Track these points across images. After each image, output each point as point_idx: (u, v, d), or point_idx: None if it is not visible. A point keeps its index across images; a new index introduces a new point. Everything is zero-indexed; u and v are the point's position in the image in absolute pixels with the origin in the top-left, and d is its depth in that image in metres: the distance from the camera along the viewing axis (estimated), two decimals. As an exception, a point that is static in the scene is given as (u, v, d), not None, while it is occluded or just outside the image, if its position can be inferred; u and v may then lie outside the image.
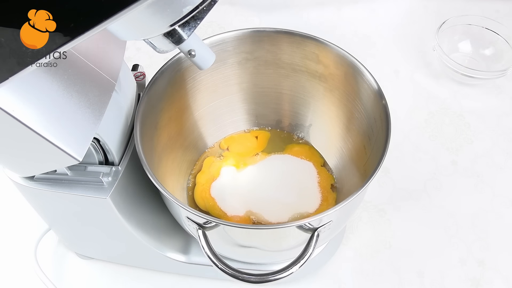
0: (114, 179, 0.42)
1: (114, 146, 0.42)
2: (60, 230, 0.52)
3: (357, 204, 0.45)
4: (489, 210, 0.58)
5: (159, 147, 0.47)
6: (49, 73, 0.34)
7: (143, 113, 0.44)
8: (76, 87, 0.36)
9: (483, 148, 0.64)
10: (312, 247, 0.38)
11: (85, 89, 0.37)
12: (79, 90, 0.37)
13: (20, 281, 0.54)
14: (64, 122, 0.35)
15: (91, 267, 0.55)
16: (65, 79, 0.36)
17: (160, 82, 0.46)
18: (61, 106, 0.35)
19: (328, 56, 0.48)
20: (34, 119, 0.33)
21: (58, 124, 0.35)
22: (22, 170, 0.41)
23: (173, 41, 0.31)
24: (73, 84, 0.36)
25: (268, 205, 0.52)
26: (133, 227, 0.46)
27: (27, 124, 0.32)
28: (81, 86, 0.37)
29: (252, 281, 0.37)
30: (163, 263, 0.51)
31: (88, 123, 0.37)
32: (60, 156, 0.35)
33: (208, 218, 0.36)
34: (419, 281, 0.53)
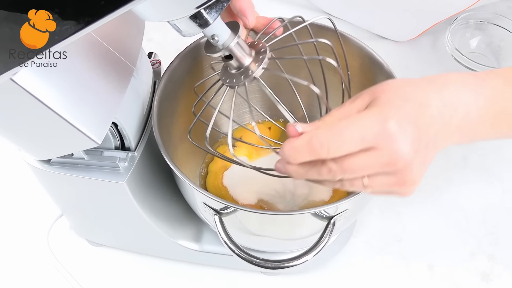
0: (130, 165, 0.42)
1: (131, 131, 0.42)
2: (73, 215, 0.52)
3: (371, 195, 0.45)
4: (499, 205, 0.58)
5: (175, 135, 0.47)
6: (71, 55, 0.35)
7: (160, 100, 0.44)
8: (97, 70, 0.37)
9: (494, 144, 0.64)
10: (328, 235, 0.38)
11: (105, 73, 0.37)
12: (99, 73, 0.37)
13: (32, 265, 0.55)
14: (84, 104, 0.35)
15: (102, 254, 0.56)
16: (86, 62, 0.36)
17: (177, 70, 0.46)
18: (81, 88, 0.35)
19: (344, 47, 0.48)
20: (55, 100, 0.33)
21: (79, 106, 0.35)
22: (39, 153, 0.41)
23: (199, 24, 0.31)
24: (93, 67, 0.36)
25: (279, 196, 0.52)
26: (147, 213, 0.46)
27: (48, 105, 0.32)
28: (102, 69, 0.37)
29: (268, 266, 0.37)
30: (175, 251, 0.51)
31: (108, 106, 0.37)
32: (80, 138, 0.35)
33: (226, 203, 0.36)
34: (429, 274, 0.53)
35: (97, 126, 0.36)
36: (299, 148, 0.30)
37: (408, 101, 0.30)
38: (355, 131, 0.29)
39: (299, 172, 0.32)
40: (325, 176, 0.31)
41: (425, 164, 0.31)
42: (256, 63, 0.35)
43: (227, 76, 0.37)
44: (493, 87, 0.33)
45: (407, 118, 0.29)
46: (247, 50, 0.35)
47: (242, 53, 0.35)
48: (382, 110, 0.30)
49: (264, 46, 0.36)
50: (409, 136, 0.29)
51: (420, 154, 0.30)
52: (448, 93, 0.31)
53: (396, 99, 0.30)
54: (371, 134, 0.29)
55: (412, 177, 0.30)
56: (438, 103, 0.31)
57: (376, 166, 0.30)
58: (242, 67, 0.35)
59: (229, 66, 0.36)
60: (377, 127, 0.29)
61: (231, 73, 0.36)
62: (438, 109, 0.30)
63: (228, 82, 0.36)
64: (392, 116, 0.29)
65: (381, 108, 0.30)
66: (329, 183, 0.32)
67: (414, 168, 0.30)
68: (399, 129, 0.29)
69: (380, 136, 0.29)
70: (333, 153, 0.29)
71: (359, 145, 0.29)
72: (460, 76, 0.33)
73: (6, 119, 0.35)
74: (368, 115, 0.30)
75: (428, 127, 0.30)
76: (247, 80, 0.35)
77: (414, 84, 0.31)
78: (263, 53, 0.36)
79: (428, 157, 0.31)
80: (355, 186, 0.32)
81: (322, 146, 0.29)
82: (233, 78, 0.36)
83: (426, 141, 0.30)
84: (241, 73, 0.36)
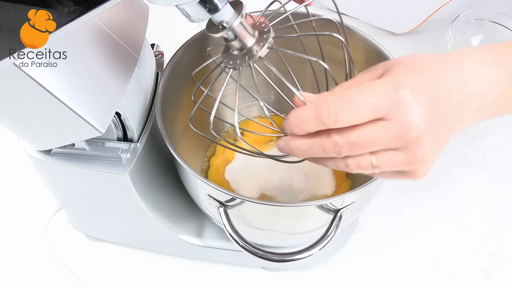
0: (132, 156, 0.42)
1: (134, 122, 0.42)
2: (72, 209, 0.51)
3: (378, 187, 0.45)
4: (501, 202, 0.58)
5: (177, 128, 0.47)
6: (74, 41, 0.34)
7: (164, 91, 0.43)
8: (101, 57, 0.36)
9: (495, 141, 0.64)
10: (334, 229, 0.38)
11: (109, 61, 0.37)
12: (103, 61, 0.36)
13: (30, 260, 0.54)
14: (88, 92, 0.34)
15: (100, 249, 0.55)
16: (90, 49, 0.35)
17: (180, 61, 0.45)
18: (85, 75, 0.35)
19: (349, 41, 0.47)
20: (58, 87, 0.32)
21: (82, 94, 0.34)
22: (40, 143, 0.40)
23: (208, 10, 0.30)
24: (97, 54, 0.36)
25: (281, 190, 0.52)
26: (149, 207, 0.45)
27: (51, 91, 0.32)
28: (106, 57, 0.36)
29: (274, 259, 0.37)
30: (176, 246, 0.51)
31: (112, 95, 0.37)
32: (83, 127, 0.34)
33: (233, 195, 0.36)
34: (431, 270, 0.53)
35: (101, 114, 0.35)
36: (305, 115, 0.28)
37: (425, 73, 0.28)
38: (366, 98, 0.27)
39: (302, 149, 0.30)
40: (329, 152, 0.29)
41: (438, 142, 0.29)
42: (260, 43, 0.34)
43: (229, 58, 0.35)
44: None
45: (422, 89, 0.28)
46: (251, 30, 0.34)
47: (246, 33, 0.33)
48: (396, 78, 0.28)
49: (267, 26, 0.35)
50: (422, 107, 0.27)
51: (433, 129, 0.28)
52: (468, 71, 0.30)
53: (412, 70, 0.29)
54: (382, 101, 0.27)
55: (423, 153, 0.28)
56: (457, 80, 0.29)
57: (385, 139, 0.28)
58: (245, 47, 0.34)
59: (231, 47, 0.35)
60: (389, 94, 0.27)
61: (233, 54, 0.35)
62: (456, 87, 0.29)
63: (232, 64, 0.35)
64: (406, 84, 0.27)
65: (395, 76, 0.28)
66: (333, 162, 0.30)
67: (425, 143, 0.28)
68: (412, 98, 0.27)
69: (391, 104, 0.27)
70: (341, 121, 0.27)
71: (369, 114, 0.27)
72: (480, 50, 0.31)
73: (8, 106, 0.34)
74: (380, 82, 0.28)
75: (444, 102, 0.28)
76: (251, 60, 0.34)
77: (432, 58, 0.30)
78: (267, 32, 0.34)
79: (442, 136, 0.29)
80: (362, 165, 0.29)
81: (329, 113, 0.27)
82: (236, 60, 0.34)
83: (440, 116, 0.28)
84: (245, 54, 0.34)
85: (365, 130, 0.28)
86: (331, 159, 0.30)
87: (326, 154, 0.29)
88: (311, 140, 0.29)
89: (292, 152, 0.31)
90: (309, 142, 0.29)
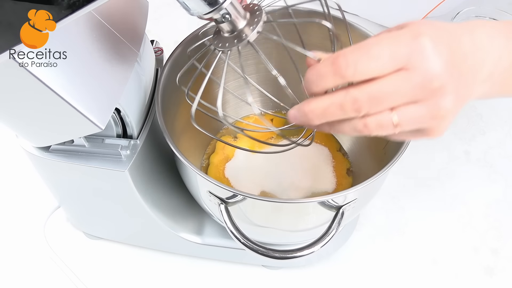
0: (132, 153, 0.41)
1: (134, 119, 0.41)
2: (71, 207, 0.51)
3: (381, 183, 0.44)
4: (502, 200, 0.58)
5: (177, 125, 0.46)
6: (74, 35, 0.33)
7: (164, 88, 0.43)
8: (100, 52, 0.35)
9: (496, 139, 0.64)
10: (336, 226, 0.38)
11: (108, 56, 0.36)
12: (103, 56, 0.36)
13: (28, 258, 0.53)
14: (87, 88, 0.34)
15: (99, 247, 0.54)
16: (90, 44, 0.35)
17: (180, 58, 0.45)
18: (84, 70, 0.34)
19: (348, 37, 0.47)
20: (57, 82, 0.32)
21: (82, 89, 0.33)
22: (39, 139, 0.40)
23: (208, 3, 0.30)
24: (97, 49, 0.35)
25: (282, 188, 0.51)
26: (148, 204, 0.45)
27: (51, 86, 0.31)
28: (105, 52, 0.36)
29: (275, 256, 0.36)
30: (176, 244, 0.50)
31: (112, 91, 0.36)
32: (82, 123, 0.34)
33: (234, 191, 0.35)
34: (432, 268, 0.53)
35: (101, 110, 0.35)
36: (323, 70, 0.27)
37: (440, 30, 0.28)
38: (385, 47, 0.26)
39: (317, 112, 0.28)
40: (348, 110, 0.27)
41: (459, 97, 0.28)
42: (251, 26, 0.33)
43: (219, 40, 0.34)
44: None
45: (441, 40, 0.27)
46: (242, 12, 0.33)
47: (236, 15, 0.32)
48: (415, 27, 0.27)
49: (260, 8, 0.34)
50: (443, 56, 0.26)
51: (454, 81, 0.27)
52: (479, 36, 0.29)
53: (428, 24, 0.28)
54: (402, 49, 0.26)
55: (445, 104, 0.27)
56: (470, 43, 0.28)
57: (407, 90, 0.26)
58: (236, 30, 0.33)
59: (222, 29, 0.34)
60: (410, 42, 0.26)
61: (224, 36, 0.34)
62: (470, 48, 0.28)
63: (221, 47, 0.34)
64: (426, 33, 0.26)
65: (412, 27, 0.27)
66: (351, 124, 0.28)
67: (448, 93, 0.27)
68: (433, 46, 0.26)
69: (412, 52, 0.26)
70: (360, 73, 0.26)
71: (389, 63, 0.26)
72: (490, 23, 0.31)
73: (6, 102, 0.34)
74: (399, 32, 0.27)
75: (462, 57, 0.28)
76: (240, 44, 0.33)
77: (445, 23, 0.29)
78: (258, 16, 0.33)
79: (461, 93, 0.28)
80: (384, 125, 0.28)
81: (348, 64, 0.26)
82: (225, 42, 0.34)
83: (459, 70, 0.27)
84: (235, 37, 0.33)
85: (386, 81, 0.27)
86: (347, 121, 0.29)
87: (343, 114, 0.28)
88: (328, 99, 0.28)
89: (306, 118, 0.29)
90: (325, 102, 0.28)
